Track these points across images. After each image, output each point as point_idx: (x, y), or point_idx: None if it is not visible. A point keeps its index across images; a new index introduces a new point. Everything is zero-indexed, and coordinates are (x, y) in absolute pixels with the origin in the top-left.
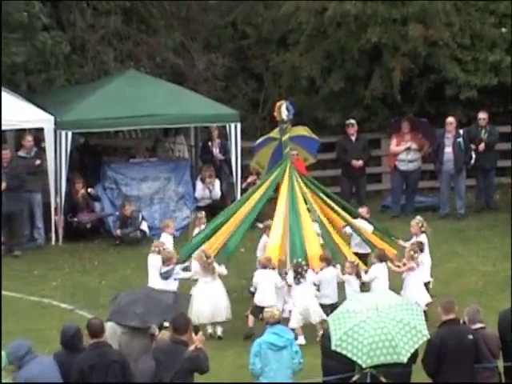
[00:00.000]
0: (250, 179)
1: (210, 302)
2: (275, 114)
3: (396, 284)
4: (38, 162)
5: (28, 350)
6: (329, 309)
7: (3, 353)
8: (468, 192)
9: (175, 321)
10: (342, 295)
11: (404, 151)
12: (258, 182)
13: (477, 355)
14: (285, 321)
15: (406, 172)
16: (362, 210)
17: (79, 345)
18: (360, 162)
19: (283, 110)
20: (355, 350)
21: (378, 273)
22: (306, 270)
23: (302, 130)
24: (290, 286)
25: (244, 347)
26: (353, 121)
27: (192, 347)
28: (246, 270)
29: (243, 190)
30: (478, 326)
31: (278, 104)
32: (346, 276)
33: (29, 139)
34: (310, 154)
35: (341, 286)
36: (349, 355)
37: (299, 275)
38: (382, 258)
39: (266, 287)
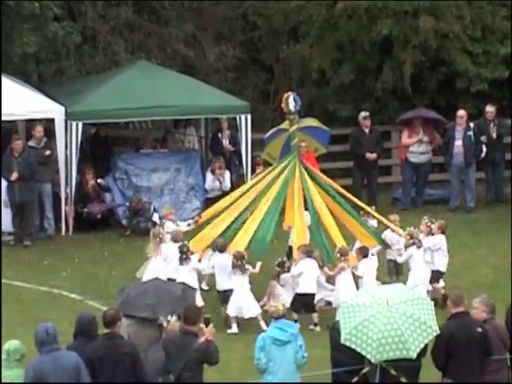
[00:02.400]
0: (258, 171)
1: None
2: (282, 105)
3: None
4: (47, 152)
5: (46, 339)
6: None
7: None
8: (478, 185)
9: (186, 311)
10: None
11: (415, 143)
12: None
13: (486, 347)
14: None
15: (417, 164)
16: (394, 219)
17: (95, 332)
18: (374, 155)
19: (290, 102)
20: (364, 345)
21: (304, 268)
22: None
23: (312, 122)
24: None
25: (253, 338)
26: (368, 113)
27: (202, 339)
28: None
29: None
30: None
31: (285, 95)
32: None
33: (39, 129)
34: (321, 144)
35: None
36: (358, 350)
37: (184, 255)
38: (309, 253)
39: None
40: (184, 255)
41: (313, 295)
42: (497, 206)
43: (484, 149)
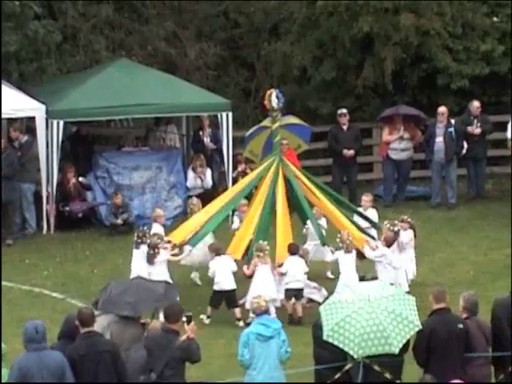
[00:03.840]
0: (239, 168)
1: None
2: (265, 102)
3: None
4: (18, 153)
5: (35, 337)
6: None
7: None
8: (459, 181)
9: (167, 309)
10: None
11: (396, 140)
12: (248, 170)
13: (468, 344)
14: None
15: (398, 161)
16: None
17: None
18: (351, 152)
19: (273, 99)
20: (347, 341)
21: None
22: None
23: (293, 119)
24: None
25: (235, 336)
26: (344, 110)
27: (184, 337)
28: None
29: (234, 179)
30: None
31: (268, 92)
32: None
33: (14, 128)
34: (303, 141)
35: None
36: (340, 346)
37: (139, 240)
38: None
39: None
40: (139, 240)
41: (233, 291)
42: (478, 203)
43: (465, 145)
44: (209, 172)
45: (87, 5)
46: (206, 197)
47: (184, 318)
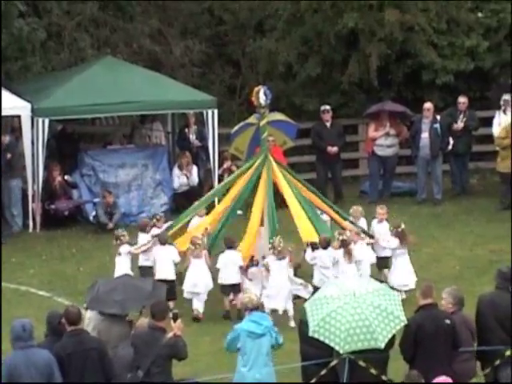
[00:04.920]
0: (225, 165)
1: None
2: (253, 99)
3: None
4: (8, 155)
5: (22, 335)
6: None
7: None
8: (445, 177)
9: (153, 307)
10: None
11: (382, 136)
12: (233, 167)
13: (454, 339)
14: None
15: (384, 157)
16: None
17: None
18: (335, 149)
19: (261, 95)
20: (332, 336)
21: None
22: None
23: (279, 116)
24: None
25: (222, 333)
26: (327, 107)
27: (170, 334)
28: None
29: (219, 177)
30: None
31: (255, 89)
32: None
33: None
34: (288, 138)
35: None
36: (326, 341)
37: (118, 240)
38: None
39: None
40: (118, 241)
41: (172, 281)
42: (463, 198)
43: (451, 141)
44: (195, 169)
45: (72, 3)
46: (192, 194)
47: (170, 315)
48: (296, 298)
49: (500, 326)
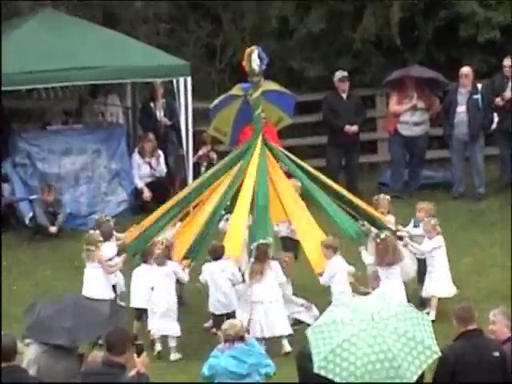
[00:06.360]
0: (202, 151)
1: None
2: (244, 63)
3: None
4: None
5: None
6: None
7: None
8: (489, 164)
9: (110, 337)
10: None
11: (408, 111)
12: (212, 154)
13: (505, 376)
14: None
15: (410, 138)
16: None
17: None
18: (354, 128)
19: (254, 59)
20: (345, 374)
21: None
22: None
23: (272, 85)
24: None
25: (198, 369)
26: (345, 73)
27: (133, 372)
28: None
29: (195, 165)
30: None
31: (247, 50)
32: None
33: None
34: (284, 114)
35: None
36: (337, 380)
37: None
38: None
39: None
40: (92, 247)
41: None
42: None
43: (496, 117)
44: (162, 156)
45: None
46: (159, 188)
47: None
48: (296, 323)
49: None
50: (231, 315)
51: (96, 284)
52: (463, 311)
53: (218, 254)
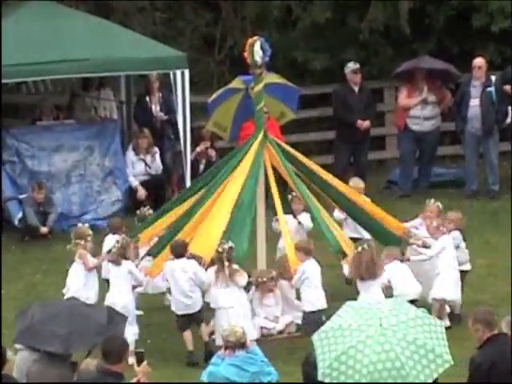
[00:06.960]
0: (200, 147)
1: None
2: (246, 55)
3: None
4: None
5: None
6: None
7: None
8: (503, 160)
9: (106, 344)
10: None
11: (418, 105)
12: (211, 151)
13: None
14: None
15: (421, 134)
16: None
17: None
18: (367, 123)
19: (257, 50)
20: (351, 382)
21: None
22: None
23: (275, 78)
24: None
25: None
26: (357, 65)
27: (134, 380)
28: None
29: (193, 163)
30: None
31: (249, 41)
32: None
33: None
34: (288, 108)
35: None
36: None
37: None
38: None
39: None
40: (82, 241)
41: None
42: None
43: (510, 111)
44: (157, 152)
45: None
46: (155, 186)
47: (131, 358)
48: (299, 328)
49: None
50: (195, 316)
51: (79, 280)
52: (489, 314)
53: (178, 252)
